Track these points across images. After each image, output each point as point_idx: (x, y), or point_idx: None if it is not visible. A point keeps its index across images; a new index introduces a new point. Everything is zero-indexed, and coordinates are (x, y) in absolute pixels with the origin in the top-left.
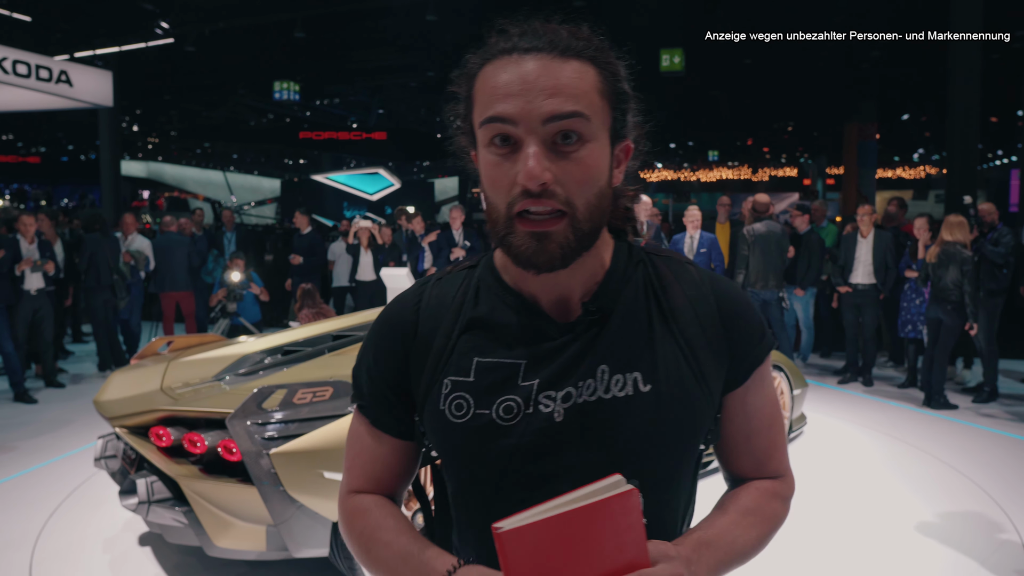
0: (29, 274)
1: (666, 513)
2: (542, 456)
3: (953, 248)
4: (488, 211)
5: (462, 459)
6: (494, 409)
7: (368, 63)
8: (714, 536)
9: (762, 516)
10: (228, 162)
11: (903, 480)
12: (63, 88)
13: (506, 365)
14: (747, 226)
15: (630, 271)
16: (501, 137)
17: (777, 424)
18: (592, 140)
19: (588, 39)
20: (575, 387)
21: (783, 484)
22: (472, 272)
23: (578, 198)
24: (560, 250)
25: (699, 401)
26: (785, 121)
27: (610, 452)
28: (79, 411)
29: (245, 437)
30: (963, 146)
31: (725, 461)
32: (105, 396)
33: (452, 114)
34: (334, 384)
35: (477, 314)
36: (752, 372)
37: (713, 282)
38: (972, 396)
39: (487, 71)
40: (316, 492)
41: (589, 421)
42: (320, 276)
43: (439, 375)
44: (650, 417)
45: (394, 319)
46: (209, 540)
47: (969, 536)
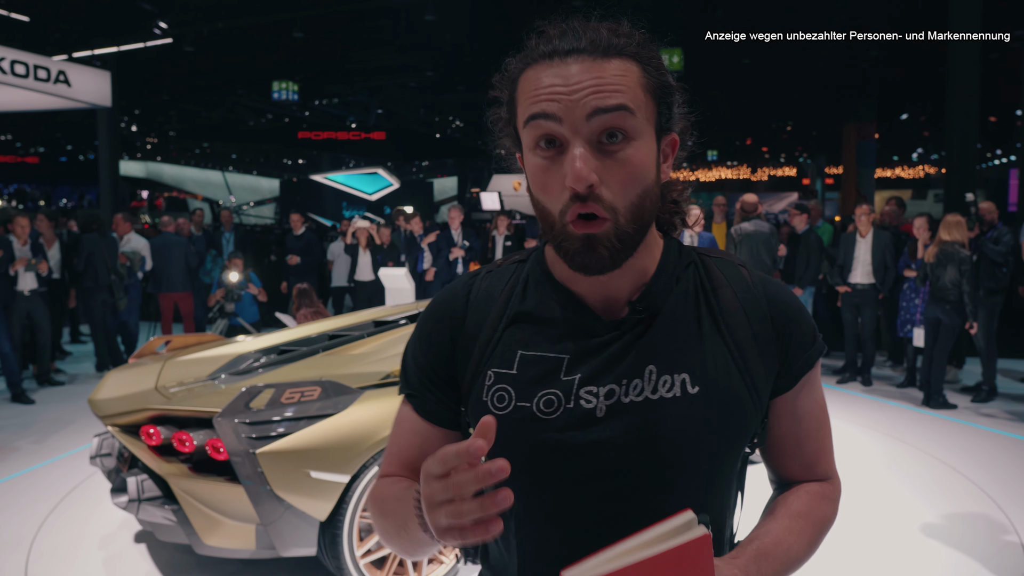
0: (23, 273)
1: (713, 517)
2: (581, 452)
3: (951, 248)
4: (538, 214)
5: (502, 451)
6: (535, 402)
7: (367, 63)
8: (771, 545)
9: (813, 520)
10: (227, 162)
11: (902, 480)
12: (61, 88)
13: (549, 359)
14: (735, 226)
15: (680, 271)
16: (546, 140)
17: (825, 427)
18: (637, 138)
19: (629, 35)
20: (619, 384)
21: (831, 486)
22: (522, 266)
23: (621, 201)
24: (608, 252)
25: (747, 404)
26: (784, 121)
27: (655, 453)
28: (77, 412)
29: (232, 436)
30: (962, 145)
31: (773, 464)
32: (99, 395)
33: (495, 118)
34: (322, 384)
35: (524, 308)
36: (802, 376)
37: (765, 285)
38: (971, 395)
39: (529, 75)
40: (303, 492)
41: (636, 420)
42: (317, 276)
43: (483, 366)
44: (698, 419)
45: (443, 310)
46: (198, 538)
47: (968, 536)
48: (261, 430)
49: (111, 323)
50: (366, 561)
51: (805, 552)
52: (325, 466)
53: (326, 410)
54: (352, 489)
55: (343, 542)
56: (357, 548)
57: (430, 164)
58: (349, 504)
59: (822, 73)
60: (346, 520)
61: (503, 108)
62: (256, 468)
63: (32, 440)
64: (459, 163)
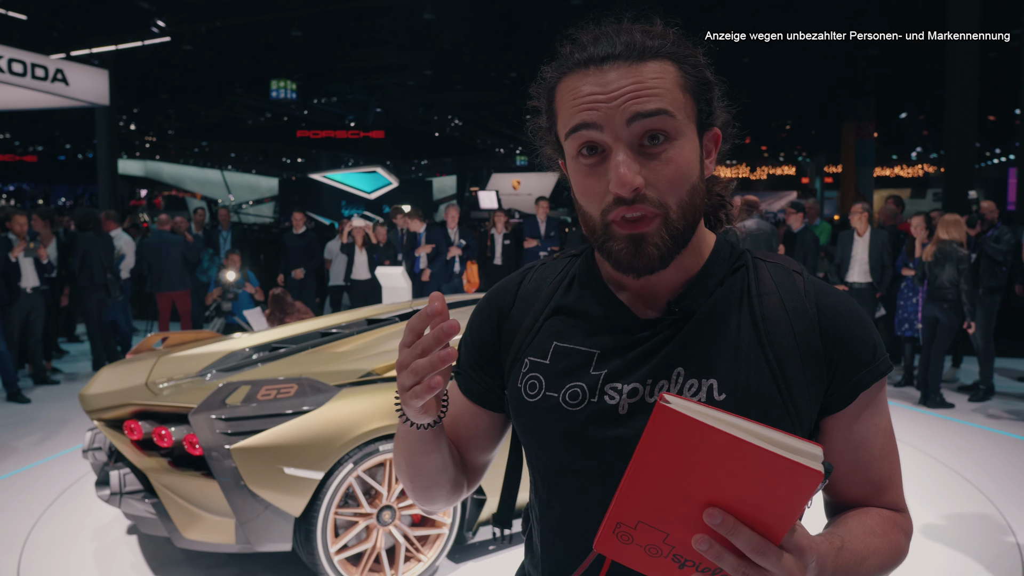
0: (23, 259)
1: None
2: (603, 446)
3: (950, 247)
4: (583, 220)
5: (530, 437)
6: (562, 393)
7: (366, 62)
8: (853, 547)
9: (888, 543)
10: (226, 161)
11: None
12: (59, 87)
13: (581, 352)
14: (740, 223)
15: (727, 274)
16: (588, 147)
17: (892, 456)
18: (679, 137)
19: (663, 35)
20: (643, 384)
21: (904, 519)
22: (574, 261)
23: (671, 198)
24: (657, 251)
25: (780, 419)
26: (783, 120)
27: None
28: (72, 411)
29: (207, 431)
30: (960, 144)
31: (830, 490)
32: (90, 390)
33: (534, 127)
34: (299, 381)
35: (565, 301)
36: (857, 396)
37: (819, 295)
38: (968, 394)
39: (566, 83)
40: (277, 487)
41: None
42: (317, 276)
43: (522, 354)
44: None
45: (495, 297)
46: (177, 532)
47: (964, 535)
48: (236, 426)
49: (107, 322)
50: (341, 557)
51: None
52: (299, 462)
53: (301, 407)
54: (326, 486)
55: (317, 538)
56: (332, 544)
57: (429, 163)
58: (323, 500)
59: (821, 72)
60: (320, 516)
61: (542, 117)
62: (230, 464)
63: (27, 439)
64: (458, 161)
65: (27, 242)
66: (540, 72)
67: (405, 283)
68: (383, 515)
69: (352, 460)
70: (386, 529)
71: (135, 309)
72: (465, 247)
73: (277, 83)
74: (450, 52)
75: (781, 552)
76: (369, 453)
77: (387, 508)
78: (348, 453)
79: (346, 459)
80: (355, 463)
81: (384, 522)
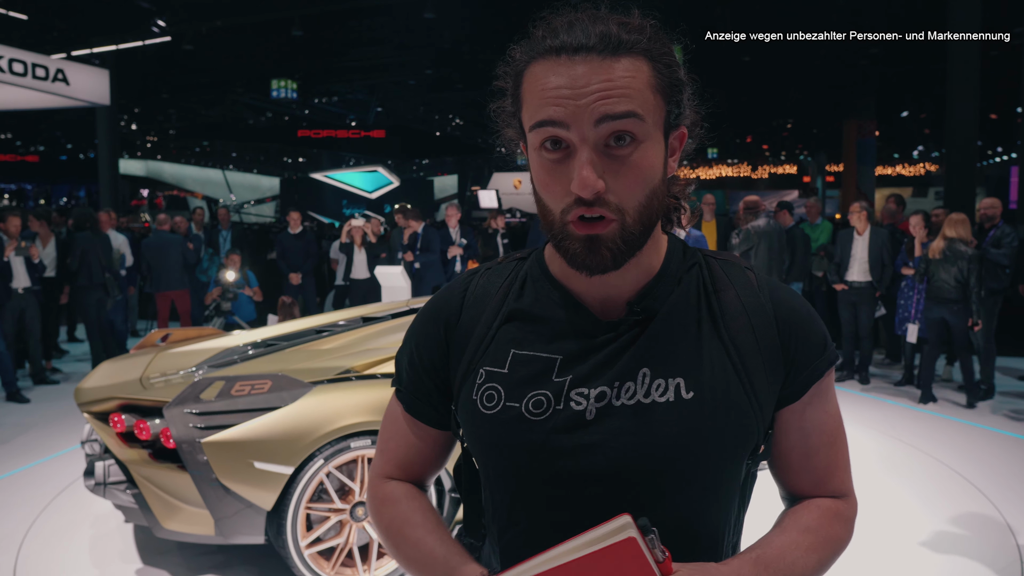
0: (14, 259)
1: (706, 529)
2: (570, 454)
3: (958, 245)
4: (541, 212)
5: (490, 451)
6: (524, 403)
7: (366, 61)
8: (773, 557)
9: (824, 538)
10: (227, 160)
11: (897, 478)
12: (60, 87)
13: (542, 359)
14: (751, 224)
15: (683, 272)
16: (552, 141)
17: (840, 441)
18: (646, 140)
19: (640, 29)
20: (610, 387)
21: (846, 505)
22: (521, 264)
23: (629, 203)
24: (611, 254)
25: (747, 412)
26: (784, 118)
27: (645, 459)
28: (71, 410)
29: (180, 425)
30: (962, 143)
31: (782, 479)
32: (85, 384)
33: (498, 109)
34: (273, 377)
35: (519, 306)
36: (811, 386)
37: (772, 290)
38: (968, 393)
39: (535, 70)
40: (247, 481)
41: (626, 424)
42: (315, 276)
43: (476, 364)
44: (691, 425)
45: (439, 306)
46: (157, 522)
47: (963, 535)
48: (208, 420)
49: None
50: (312, 551)
51: (812, 571)
52: (269, 457)
53: (274, 403)
54: (297, 481)
55: (288, 532)
56: (302, 538)
57: (430, 162)
58: (293, 495)
59: (822, 71)
60: (290, 511)
61: (507, 100)
62: (202, 457)
63: (26, 439)
64: (459, 161)
65: (18, 242)
66: (509, 52)
67: (404, 282)
68: (356, 511)
69: (323, 456)
70: (359, 525)
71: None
72: (466, 246)
73: (278, 82)
74: (451, 51)
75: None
76: (340, 450)
77: (360, 504)
78: (319, 449)
79: (317, 455)
80: (326, 459)
81: (358, 518)
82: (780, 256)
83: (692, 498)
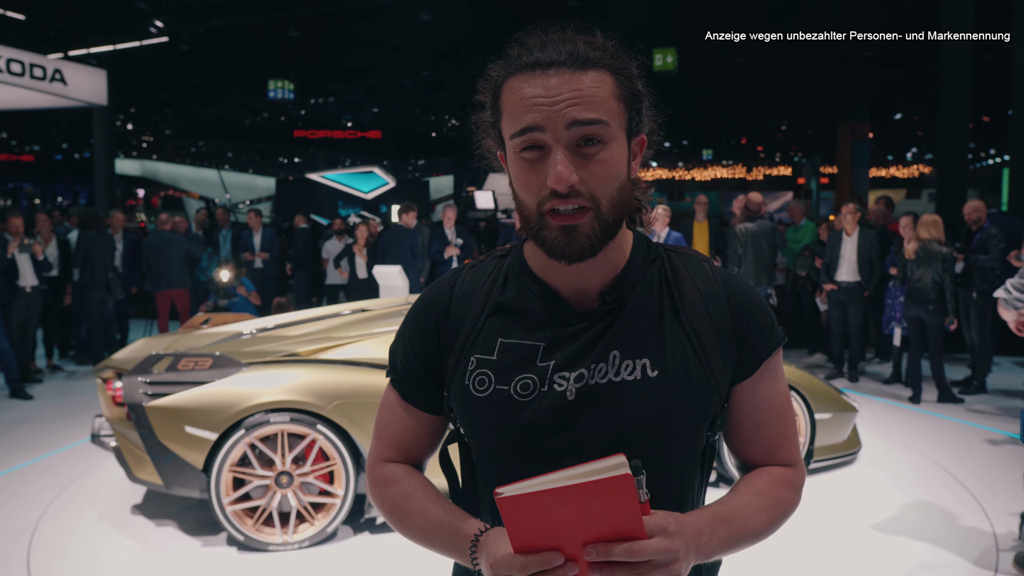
0: (20, 256)
1: (675, 494)
2: (554, 431)
3: (931, 246)
4: (519, 209)
5: (482, 431)
6: (512, 386)
7: (363, 62)
8: (728, 513)
9: (774, 500)
10: (223, 160)
11: (884, 475)
12: (57, 87)
13: (526, 346)
14: (740, 225)
15: (647, 265)
16: (531, 144)
17: (787, 416)
18: (611, 142)
19: (603, 47)
20: (587, 369)
21: (795, 472)
22: (503, 261)
23: (602, 194)
24: (588, 241)
25: (704, 389)
26: (779, 120)
27: (617, 431)
28: (75, 407)
29: (131, 391)
30: (953, 145)
31: (735, 449)
32: (116, 355)
33: (478, 121)
34: (214, 356)
35: (504, 299)
36: (760, 364)
37: (726, 279)
38: (959, 388)
39: (513, 84)
40: (180, 442)
41: (599, 401)
42: (313, 274)
43: (467, 353)
44: (656, 401)
45: (430, 302)
46: (130, 471)
47: (944, 530)
48: (156, 389)
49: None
50: (235, 508)
51: (763, 528)
52: (197, 423)
53: (210, 378)
54: (221, 446)
55: (212, 490)
56: (225, 496)
57: (426, 163)
58: (217, 458)
59: (816, 73)
60: (214, 470)
61: (487, 112)
62: (145, 418)
63: (31, 435)
64: (455, 161)
65: (22, 238)
66: (487, 69)
67: (402, 281)
68: (280, 479)
69: (244, 427)
70: (283, 492)
71: (133, 308)
72: (462, 246)
73: (274, 83)
74: (447, 52)
75: (647, 540)
76: (260, 423)
77: (284, 474)
78: (240, 420)
79: (239, 425)
80: (247, 429)
81: (282, 485)
82: (767, 258)
83: (660, 465)
